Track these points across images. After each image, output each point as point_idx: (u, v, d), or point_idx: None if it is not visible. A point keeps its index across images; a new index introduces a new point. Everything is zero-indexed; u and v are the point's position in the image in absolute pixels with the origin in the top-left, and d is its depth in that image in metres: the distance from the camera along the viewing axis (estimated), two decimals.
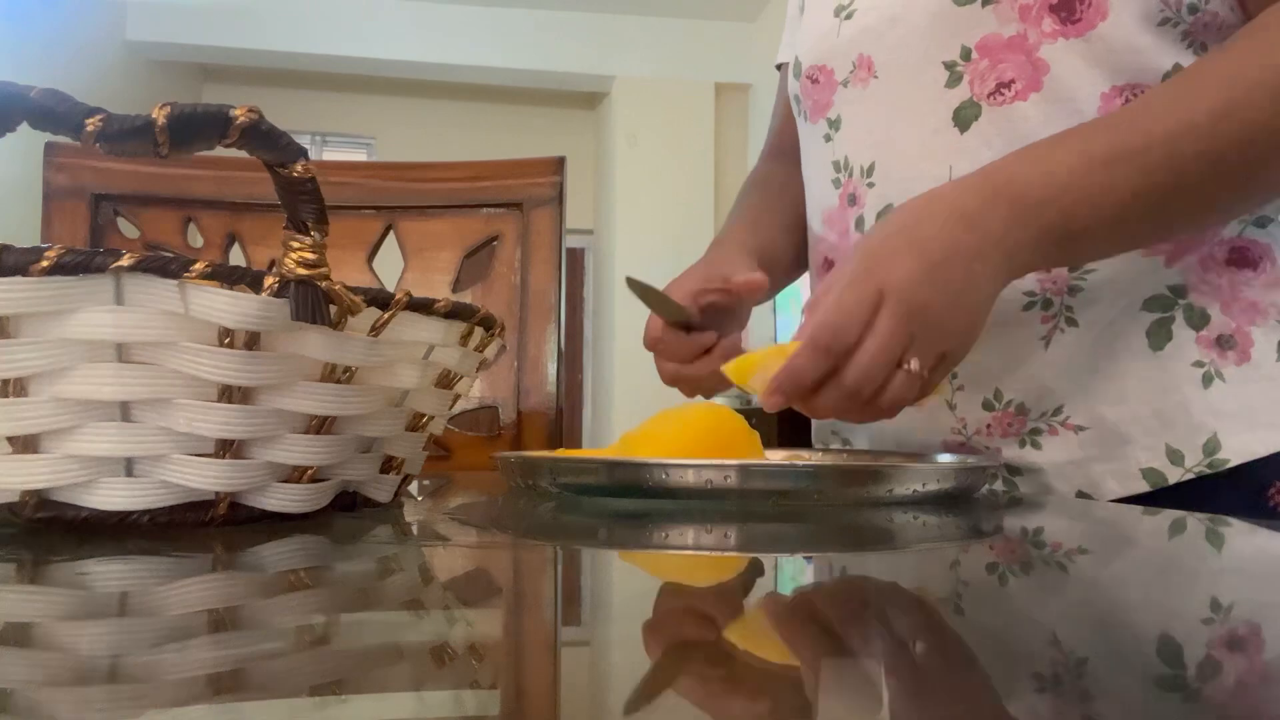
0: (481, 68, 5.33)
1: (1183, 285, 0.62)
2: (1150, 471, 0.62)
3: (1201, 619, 0.26)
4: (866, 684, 0.20)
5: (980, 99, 0.64)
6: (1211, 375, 0.62)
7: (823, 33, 0.74)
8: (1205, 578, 0.34)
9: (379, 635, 0.24)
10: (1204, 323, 0.62)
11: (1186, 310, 0.62)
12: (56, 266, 0.34)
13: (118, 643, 0.24)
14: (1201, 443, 0.61)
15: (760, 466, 0.48)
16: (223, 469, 0.39)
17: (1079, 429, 0.64)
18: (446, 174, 1.04)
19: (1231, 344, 0.62)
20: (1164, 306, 0.63)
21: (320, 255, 0.38)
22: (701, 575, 0.35)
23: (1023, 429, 0.66)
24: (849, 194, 0.72)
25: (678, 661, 0.22)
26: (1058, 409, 0.65)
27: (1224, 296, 0.62)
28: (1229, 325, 0.62)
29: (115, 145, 0.34)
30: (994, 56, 0.63)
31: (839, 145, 0.73)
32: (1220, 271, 0.62)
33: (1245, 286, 0.62)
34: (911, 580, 0.33)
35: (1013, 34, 0.63)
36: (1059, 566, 0.35)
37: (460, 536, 0.44)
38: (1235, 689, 0.20)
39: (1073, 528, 0.47)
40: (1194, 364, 0.62)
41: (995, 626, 0.26)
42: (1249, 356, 0.61)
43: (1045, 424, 0.65)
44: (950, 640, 0.25)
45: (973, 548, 0.40)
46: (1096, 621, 0.26)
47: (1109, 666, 0.21)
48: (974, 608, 0.28)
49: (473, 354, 0.50)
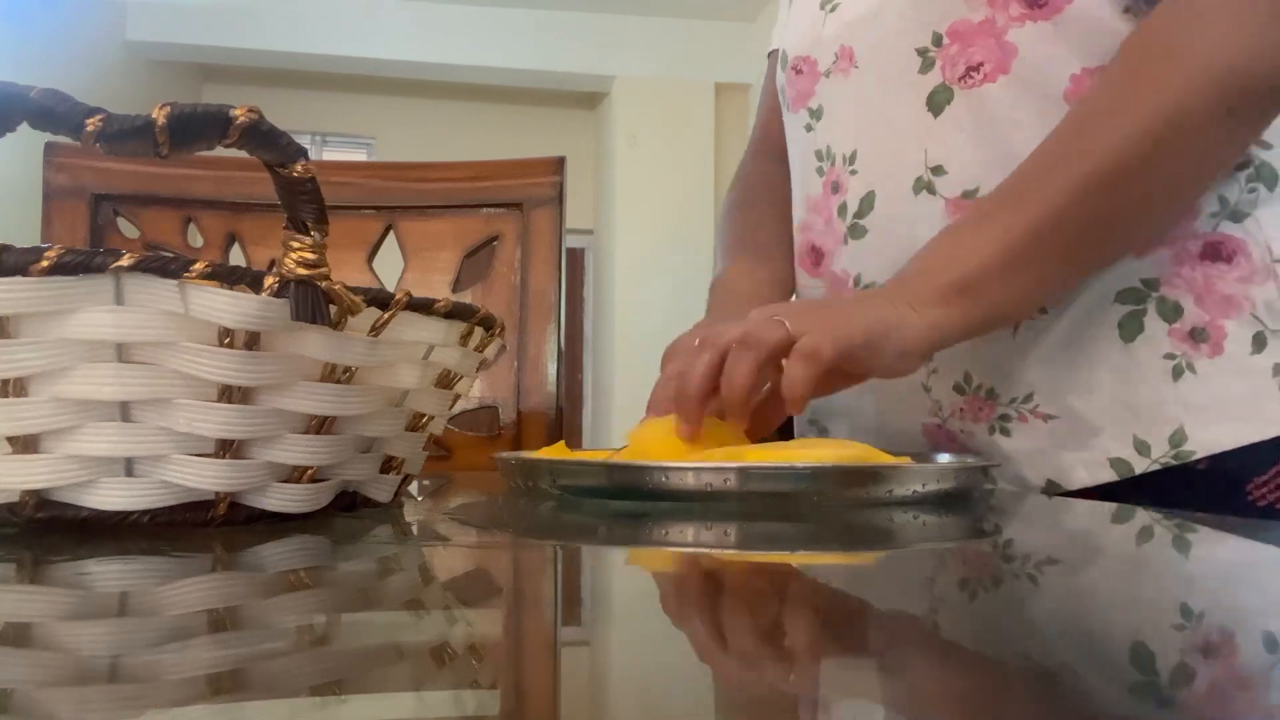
0: (481, 68, 5.32)
1: (1155, 279, 0.63)
2: (1118, 461, 0.63)
3: (1199, 611, 0.26)
4: (866, 684, 0.20)
5: (951, 83, 0.65)
6: (1182, 368, 0.62)
7: (809, 25, 0.75)
8: (1204, 575, 0.34)
9: (379, 635, 0.24)
10: (1177, 315, 0.62)
11: (1159, 303, 0.62)
12: (56, 266, 0.34)
13: (118, 643, 0.24)
14: (1168, 434, 0.62)
15: (760, 468, 0.48)
16: (223, 469, 0.39)
17: (1048, 418, 0.65)
18: (446, 174, 1.04)
19: (1204, 337, 0.62)
20: (1136, 299, 0.63)
21: (320, 255, 0.38)
22: (701, 574, 0.35)
23: (992, 414, 0.67)
24: (832, 181, 0.73)
25: (677, 661, 0.22)
26: (1028, 396, 0.66)
27: (1197, 290, 0.62)
28: (1202, 318, 0.62)
29: (115, 145, 0.34)
30: (964, 40, 0.65)
31: (820, 134, 0.74)
32: (1194, 265, 0.62)
33: (1219, 280, 0.62)
34: (912, 580, 0.33)
35: (981, 18, 0.64)
36: (1060, 566, 0.35)
37: (460, 536, 0.44)
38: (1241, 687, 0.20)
39: (1073, 525, 0.47)
40: (1165, 356, 0.62)
41: (995, 627, 0.26)
42: (1222, 349, 0.61)
43: (1015, 410, 0.66)
44: (950, 640, 0.25)
45: (973, 547, 0.40)
46: (1097, 621, 0.26)
47: (1110, 666, 0.21)
48: (974, 608, 0.28)
49: (473, 354, 0.50)
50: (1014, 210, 0.58)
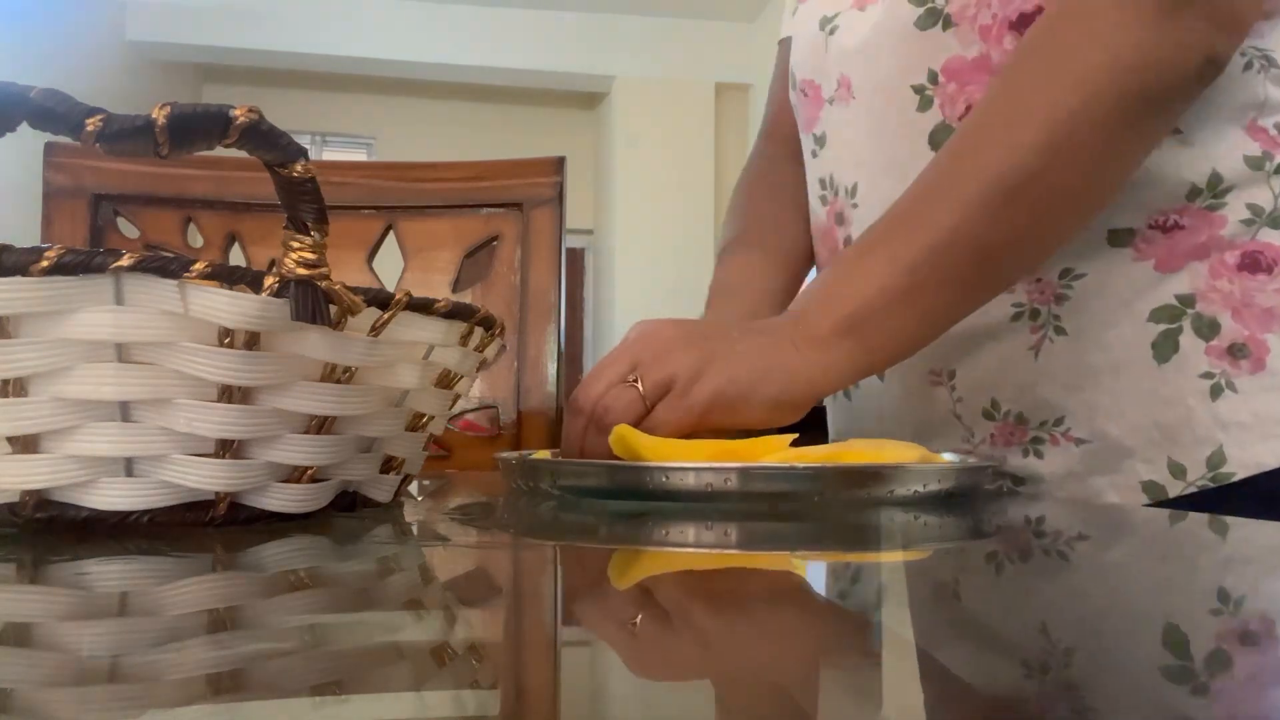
0: (481, 68, 5.33)
1: (1190, 294, 0.60)
2: (1150, 485, 0.61)
3: (1210, 610, 0.26)
4: (866, 685, 0.20)
5: (953, 122, 0.64)
6: (1221, 386, 0.59)
7: (812, 45, 0.74)
8: (1209, 573, 0.34)
9: (379, 635, 0.24)
10: (1214, 332, 0.60)
11: (1195, 320, 0.60)
12: (56, 266, 0.34)
13: (118, 643, 0.24)
14: (1205, 456, 0.60)
15: (760, 469, 0.48)
16: (223, 469, 0.39)
17: (1080, 441, 0.63)
18: (446, 174, 1.04)
19: (1245, 353, 0.59)
20: (1171, 317, 0.60)
21: (320, 255, 0.38)
22: (701, 574, 0.35)
23: (1025, 438, 0.65)
24: (836, 212, 0.73)
25: (676, 660, 0.22)
26: (1059, 420, 0.64)
27: (1235, 304, 0.59)
28: (1241, 333, 0.59)
29: (115, 145, 0.34)
30: (961, 79, 0.63)
31: (824, 162, 0.74)
32: (1232, 278, 0.60)
33: (1259, 292, 0.59)
34: (912, 580, 0.33)
35: (975, 55, 0.62)
36: (1059, 566, 0.35)
37: (460, 536, 0.44)
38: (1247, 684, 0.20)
39: (1071, 525, 0.47)
40: (1201, 375, 0.60)
41: (996, 626, 0.26)
42: (1264, 365, 0.59)
43: (1046, 433, 0.64)
44: (951, 640, 0.25)
45: (974, 548, 0.40)
46: (1098, 620, 0.26)
47: (1110, 665, 0.21)
48: (974, 608, 0.28)
49: (473, 354, 0.50)
50: (900, 238, 0.55)
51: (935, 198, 0.55)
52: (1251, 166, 0.60)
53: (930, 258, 0.54)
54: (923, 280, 0.54)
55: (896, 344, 0.57)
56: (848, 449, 0.52)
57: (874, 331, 0.55)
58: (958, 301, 0.57)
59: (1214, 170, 0.60)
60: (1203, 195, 0.60)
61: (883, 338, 0.55)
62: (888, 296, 0.54)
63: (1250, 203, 0.60)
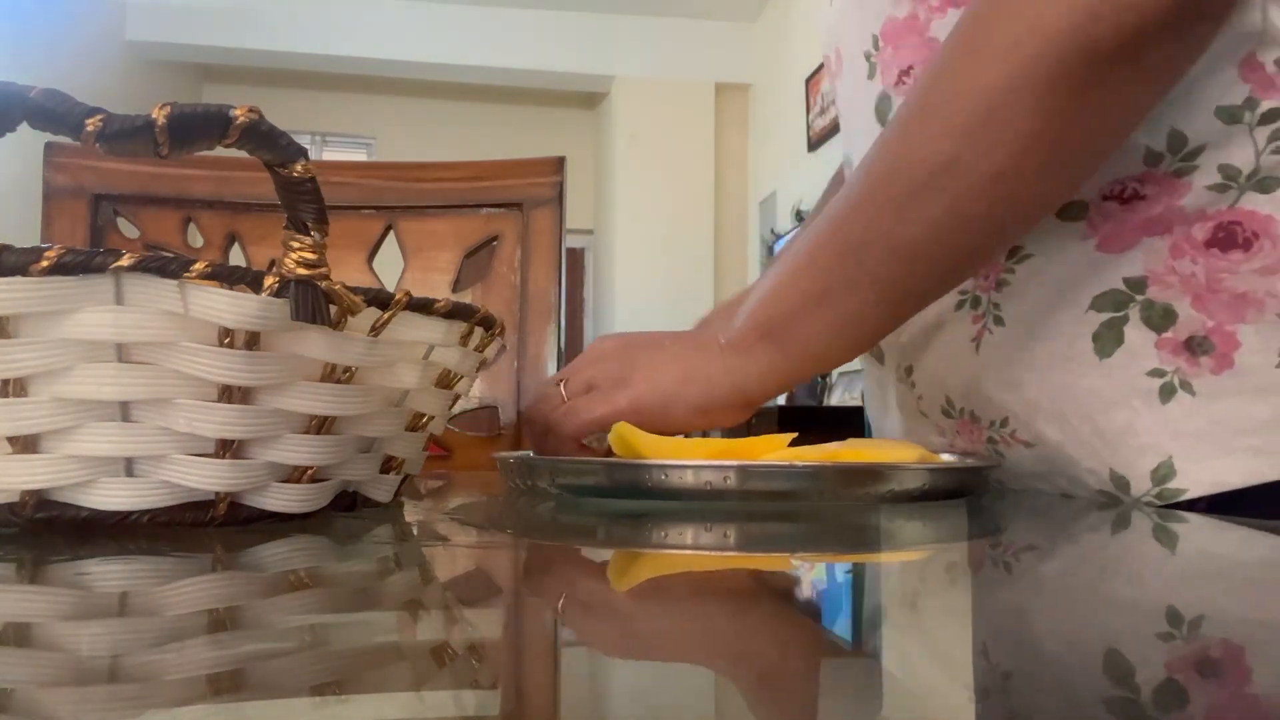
0: (481, 68, 5.33)
1: (1142, 277, 0.51)
2: (1109, 497, 0.55)
3: (1205, 614, 0.26)
4: (865, 684, 0.20)
5: (889, 89, 0.60)
6: (1173, 386, 0.51)
7: (824, 21, 0.73)
8: (1206, 578, 0.34)
9: (379, 635, 0.24)
10: (1168, 322, 0.51)
11: (1145, 307, 0.51)
12: (56, 266, 0.34)
13: (118, 643, 0.24)
14: (1150, 469, 0.52)
15: (759, 467, 0.48)
16: (223, 469, 0.39)
17: (1026, 445, 0.58)
18: (446, 174, 1.04)
19: (1207, 347, 0.50)
20: (1116, 305, 0.52)
21: (320, 255, 0.38)
22: (701, 574, 0.35)
23: (982, 439, 0.61)
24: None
25: (677, 661, 0.22)
26: (1004, 421, 0.58)
27: (1196, 288, 0.50)
28: (1203, 323, 0.50)
29: (115, 145, 0.34)
30: (894, 42, 0.59)
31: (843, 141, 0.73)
32: (1196, 256, 0.50)
33: (1229, 275, 0.50)
34: (912, 580, 0.33)
35: (905, 14, 0.58)
36: (1060, 566, 0.35)
37: (460, 536, 0.44)
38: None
39: (1075, 525, 0.47)
40: (1149, 373, 0.52)
41: (996, 626, 0.26)
42: (1231, 362, 0.50)
43: (997, 434, 0.59)
44: (951, 640, 0.25)
45: (973, 548, 0.40)
46: (1098, 619, 0.26)
47: (1111, 663, 0.21)
48: (974, 608, 0.28)
49: (473, 354, 0.50)
50: (822, 239, 0.52)
51: (852, 194, 0.52)
52: (1225, 119, 0.50)
53: (842, 258, 0.52)
54: (837, 282, 0.52)
55: (816, 348, 0.54)
56: (847, 448, 0.52)
57: (790, 336, 0.53)
58: (879, 302, 0.52)
59: (1173, 129, 0.50)
60: (1165, 159, 0.51)
61: (800, 342, 0.53)
62: (804, 300, 0.53)
63: (1224, 163, 0.50)
